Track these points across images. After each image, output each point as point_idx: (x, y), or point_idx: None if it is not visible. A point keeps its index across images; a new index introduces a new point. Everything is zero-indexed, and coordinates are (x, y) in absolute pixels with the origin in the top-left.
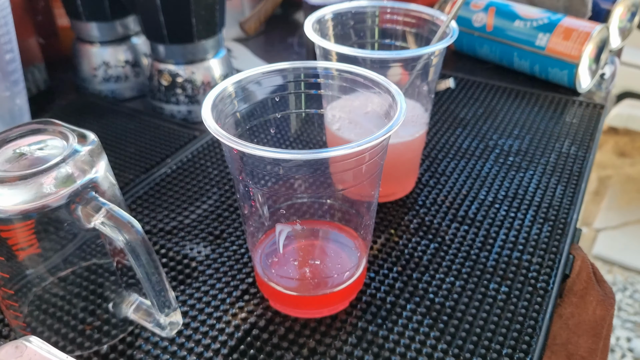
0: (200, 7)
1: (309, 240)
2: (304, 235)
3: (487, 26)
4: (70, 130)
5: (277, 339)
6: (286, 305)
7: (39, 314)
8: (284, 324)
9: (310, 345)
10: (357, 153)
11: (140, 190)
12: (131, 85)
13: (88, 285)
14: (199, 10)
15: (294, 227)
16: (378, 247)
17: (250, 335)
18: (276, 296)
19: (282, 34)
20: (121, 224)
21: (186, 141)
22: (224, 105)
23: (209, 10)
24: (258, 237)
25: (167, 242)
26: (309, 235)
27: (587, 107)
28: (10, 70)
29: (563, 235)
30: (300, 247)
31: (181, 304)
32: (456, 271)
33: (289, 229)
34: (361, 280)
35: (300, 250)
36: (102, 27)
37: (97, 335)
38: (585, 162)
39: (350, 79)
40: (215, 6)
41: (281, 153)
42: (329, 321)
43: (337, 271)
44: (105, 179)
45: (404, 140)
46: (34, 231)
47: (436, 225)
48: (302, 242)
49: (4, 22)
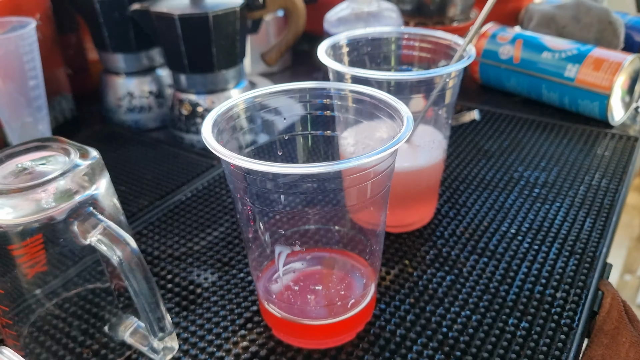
0: (220, 37)
1: (312, 266)
2: (307, 260)
3: (514, 58)
4: (74, 147)
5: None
6: (289, 334)
7: (38, 335)
8: (286, 354)
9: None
10: (357, 169)
11: (154, 217)
12: (154, 116)
13: (91, 309)
14: (219, 40)
15: (294, 249)
16: (391, 278)
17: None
18: (278, 324)
19: (308, 69)
20: (116, 242)
21: (203, 170)
22: (227, 122)
23: (230, 40)
24: (261, 262)
25: (175, 267)
26: (312, 260)
27: (620, 139)
28: (34, 97)
29: (591, 270)
30: (303, 272)
31: (182, 330)
32: (473, 305)
33: (289, 250)
34: (369, 310)
35: (302, 276)
36: (127, 58)
37: (94, 359)
38: (618, 194)
39: (360, 99)
40: (235, 36)
41: (275, 167)
42: (333, 352)
43: (340, 298)
44: (106, 198)
45: (421, 167)
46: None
47: (454, 257)
48: (305, 267)
49: (30, 50)
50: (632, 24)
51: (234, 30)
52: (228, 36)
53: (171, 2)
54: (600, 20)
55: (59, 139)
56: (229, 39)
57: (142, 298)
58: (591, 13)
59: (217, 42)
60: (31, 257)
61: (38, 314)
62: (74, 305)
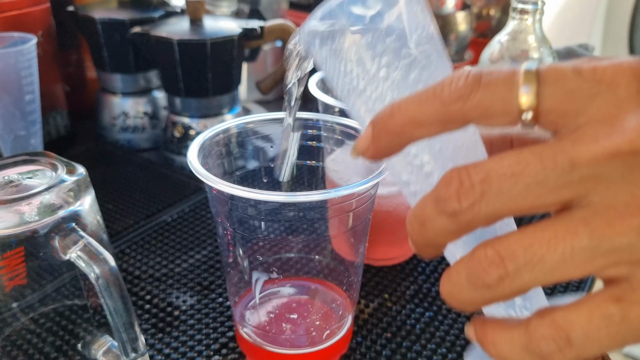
0: (217, 64)
1: (289, 294)
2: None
3: None
4: (61, 162)
5: None
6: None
7: (11, 350)
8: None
9: None
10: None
11: (138, 236)
12: (147, 136)
13: (66, 325)
14: (215, 66)
15: (272, 277)
16: (370, 312)
17: None
18: (253, 351)
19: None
20: (95, 259)
21: (191, 192)
22: (214, 147)
23: (226, 67)
24: (239, 288)
25: (155, 288)
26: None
27: None
28: (28, 111)
29: None
30: (280, 300)
31: (156, 352)
32: (449, 342)
33: (266, 277)
34: (345, 343)
35: (279, 304)
36: (125, 78)
37: None
38: None
39: (346, 132)
40: (232, 64)
41: (256, 193)
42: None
43: (316, 329)
44: (90, 214)
45: (406, 203)
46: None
47: (433, 294)
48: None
49: (28, 65)
50: None
51: (231, 57)
52: (224, 63)
53: (171, 27)
54: None
55: (48, 153)
56: (225, 66)
57: (117, 317)
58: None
59: (214, 69)
60: (11, 269)
61: (13, 328)
62: (50, 321)
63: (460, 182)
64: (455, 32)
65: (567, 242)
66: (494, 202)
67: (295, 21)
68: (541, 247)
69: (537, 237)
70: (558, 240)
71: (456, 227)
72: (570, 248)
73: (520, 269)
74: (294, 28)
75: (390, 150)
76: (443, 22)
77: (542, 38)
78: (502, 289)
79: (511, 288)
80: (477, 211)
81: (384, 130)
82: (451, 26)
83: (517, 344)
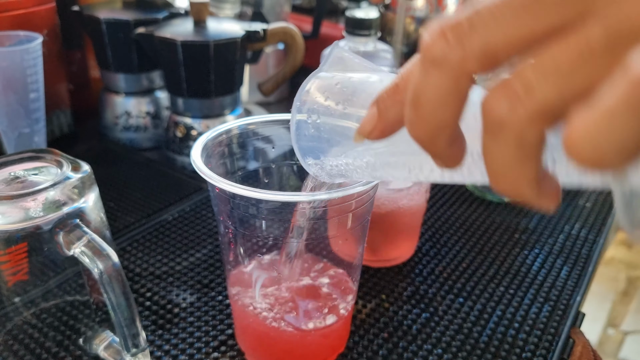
0: (219, 65)
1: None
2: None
3: None
4: (67, 159)
5: None
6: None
7: (13, 343)
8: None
9: None
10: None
11: (139, 234)
12: (149, 135)
13: (67, 320)
14: (218, 67)
15: (272, 275)
16: (367, 312)
17: None
18: (252, 349)
19: None
20: (99, 254)
21: (192, 192)
22: (217, 147)
23: (228, 68)
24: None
25: (155, 285)
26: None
27: (601, 192)
28: (33, 109)
29: (564, 317)
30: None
31: (156, 348)
32: (445, 343)
33: (266, 275)
34: (342, 341)
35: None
36: (128, 78)
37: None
38: (595, 245)
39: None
40: (234, 65)
41: (257, 193)
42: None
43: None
44: (93, 211)
45: (404, 206)
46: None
47: (430, 295)
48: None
49: (33, 64)
50: None
51: (234, 59)
52: (227, 65)
53: (175, 28)
54: None
55: (53, 151)
56: (228, 68)
57: (119, 312)
58: None
59: (216, 70)
60: (14, 264)
61: (15, 323)
62: (51, 316)
63: (443, 28)
64: None
65: (582, 42)
66: (483, 31)
67: (298, 24)
68: (558, 59)
69: (551, 55)
70: (572, 47)
71: (451, 81)
72: (586, 44)
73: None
74: (296, 31)
75: (397, 124)
76: None
77: None
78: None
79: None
80: (469, 47)
81: (392, 103)
82: None
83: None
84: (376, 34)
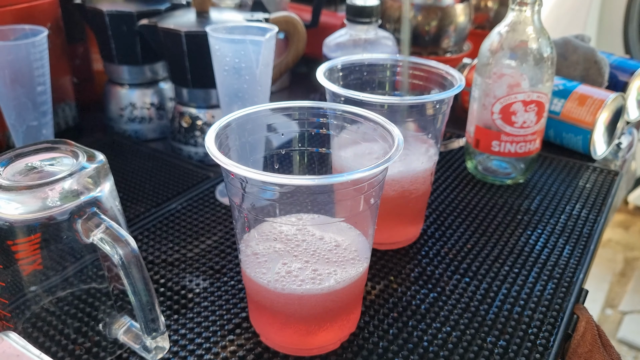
0: None
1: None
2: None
3: None
4: (81, 150)
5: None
6: (276, 341)
7: (32, 331)
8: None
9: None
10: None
11: (150, 223)
12: (154, 127)
13: (85, 308)
14: None
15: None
16: (376, 293)
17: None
18: (266, 330)
19: (305, 90)
20: (118, 241)
21: (199, 180)
22: (228, 135)
23: None
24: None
25: (168, 272)
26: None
27: (601, 173)
28: (40, 102)
29: (567, 294)
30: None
31: (172, 332)
32: (453, 322)
33: (280, 259)
34: (355, 321)
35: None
36: (132, 70)
37: (85, 356)
38: (596, 225)
39: (355, 120)
40: None
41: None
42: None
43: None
44: (109, 200)
45: (409, 189)
46: (39, 246)
47: (437, 276)
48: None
49: (40, 57)
50: (616, 64)
51: None
52: None
53: (178, 19)
54: (586, 59)
55: (68, 142)
56: None
57: (139, 297)
58: (578, 52)
59: None
60: (30, 253)
61: (33, 311)
62: (69, 304)
63: None
64: (454, 24)
65: None
66: None
67: (297, 13)
68: None
69: None
70: None
71: None
72: None
73: None
74: (299, 20)
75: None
76: (442, 14)
77: (541, 29)
78: None
79: None
80: None
81: None
82: (450, 18)
83: None
84: (377, 22)
